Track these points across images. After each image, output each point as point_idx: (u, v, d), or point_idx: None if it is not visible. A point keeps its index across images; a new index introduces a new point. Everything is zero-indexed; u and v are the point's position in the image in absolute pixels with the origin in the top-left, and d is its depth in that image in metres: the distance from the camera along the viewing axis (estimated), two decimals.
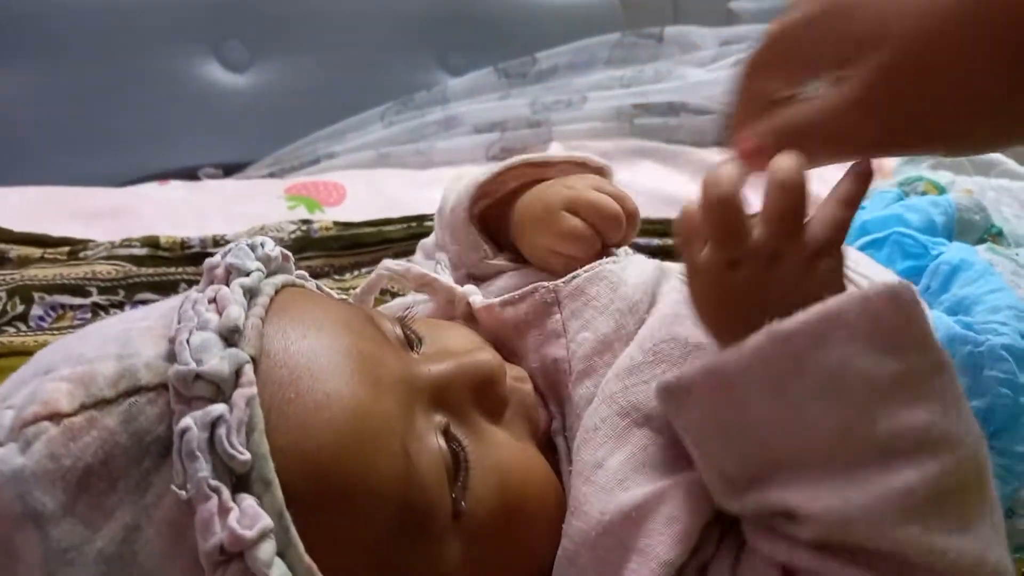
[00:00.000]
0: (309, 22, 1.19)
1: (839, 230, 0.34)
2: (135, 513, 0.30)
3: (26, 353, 0.62)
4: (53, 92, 1.10)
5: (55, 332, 0.66)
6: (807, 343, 0.32)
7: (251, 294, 0.36)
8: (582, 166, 0.53)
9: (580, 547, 0.37)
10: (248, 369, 0.32)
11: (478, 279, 0.51)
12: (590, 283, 0.44)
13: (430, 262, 0.57)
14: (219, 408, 0.30)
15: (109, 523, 0.30)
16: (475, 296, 0.47)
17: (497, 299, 0.46)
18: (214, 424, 0.30)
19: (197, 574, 0.29)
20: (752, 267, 0.34)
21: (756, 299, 0.34)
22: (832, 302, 0.32)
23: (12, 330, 0.67)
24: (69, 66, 1.10)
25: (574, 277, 0.45)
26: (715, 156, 1.14)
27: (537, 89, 1.17)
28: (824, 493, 0.31)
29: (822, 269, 0.34)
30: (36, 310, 0.68)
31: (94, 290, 0.71)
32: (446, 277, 0.50)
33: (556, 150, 1.08)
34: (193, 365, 0.31)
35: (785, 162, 0.33)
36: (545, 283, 0.45)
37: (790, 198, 0.33)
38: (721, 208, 0.33)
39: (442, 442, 0.36)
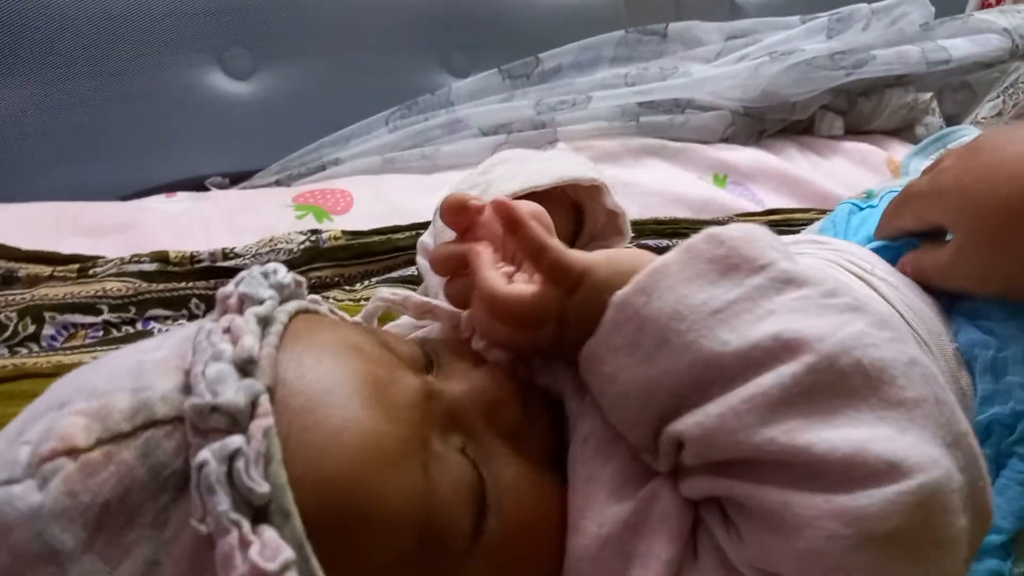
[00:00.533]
0: (311, 28, 1.18)
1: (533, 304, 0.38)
2: (154, 548, 0.30)
3: (39, 375, 0.62)
4: (55, 103, 1.09)
5: (68, 352, 0.66)
6: (640, 300, 0.35)
7: (265, 323, 0.35)
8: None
9: (581, 562, 0.36)
10: (264, 400, 0.31)
11: None
12: None
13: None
14: (237, 440, 0.30)
15: (128, 560, 0.29)
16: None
17: None
18: (232, 457, 0.30)
19: None
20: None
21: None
22: (657, 260, 0.36)
23: (24, 351, 0.67)
24: (70, 77, 1.09)
25: None
26: (721, 152, 1.13)
27: (541, 90, 1.16)
28: (696, 416, 0.33)
29: (573, 310, 0.38)
30: (48, 330, 0.68)
31: (105, 308, 0.71)
32: (445, 302, 0.50)
33: (562, 151, 1.07)
34: (209, 397, 0.31)
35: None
36: None
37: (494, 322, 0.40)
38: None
39: (461, 464, 0.36)
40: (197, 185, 1.09)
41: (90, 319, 0.70)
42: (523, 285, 0.40)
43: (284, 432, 0.31)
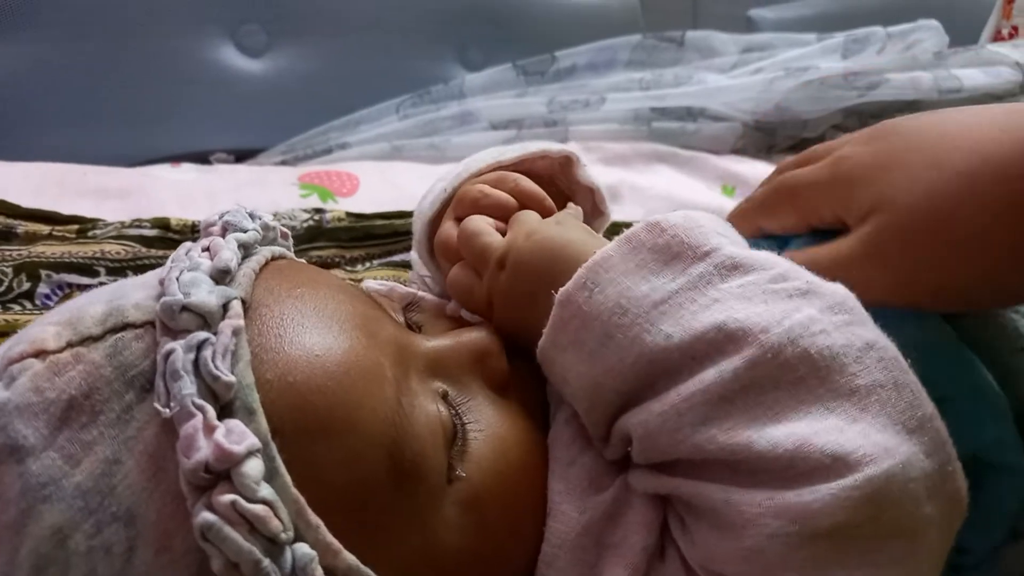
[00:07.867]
0: (328, 10, 1.18)
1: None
2: (116, 446, 0.29)
3: None
4: (67, 69, 1.08)
5: None
6: (583, 296, 0.34)
7: (246, 250, 0.36)
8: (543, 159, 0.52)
9: (559, 549, 0.35)
10: (236, 304, 0.32)
11: None
12: None
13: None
14: (204, 333, 0.30)
15: (88, 458, 0.29)
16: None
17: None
18: (199, 347, 0.29)
19: (177, 507, 0.28)
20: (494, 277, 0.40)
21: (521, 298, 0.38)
22: (599, 252, 0.35)
23: (17, 307, 0.66)
24: (84, 43, 1.08)
25: None
26: (731, 163, 1.13)
27: (555, 88, 1.16)
28: (640, 414, 0.32)
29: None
30: (43, 288, 0.67)
31: (102, 270, 0.70)
32: (430, 295, 0.50)
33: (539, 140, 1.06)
34: (180, 297, 0.31)
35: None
36: None
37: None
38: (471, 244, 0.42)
39: (440, 405, 0.35)
40: (201, 159, 1.08)
41: (86, 280, 0.68)
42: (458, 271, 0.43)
43: (255, 340, 0.31)
